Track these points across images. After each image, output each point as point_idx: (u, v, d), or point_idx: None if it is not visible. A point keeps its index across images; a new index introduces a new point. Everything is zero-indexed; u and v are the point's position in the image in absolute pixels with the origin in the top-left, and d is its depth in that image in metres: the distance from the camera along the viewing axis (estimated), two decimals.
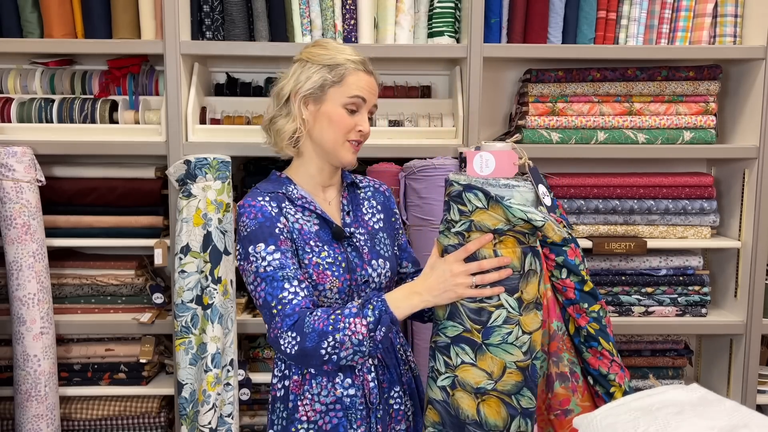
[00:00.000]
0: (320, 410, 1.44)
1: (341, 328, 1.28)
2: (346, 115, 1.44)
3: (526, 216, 1.25)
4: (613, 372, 2.14)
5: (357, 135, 1.46)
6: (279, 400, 1.48)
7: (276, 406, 1.49)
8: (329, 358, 1.29)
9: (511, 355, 1.35)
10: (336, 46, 1.48)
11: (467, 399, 1.32)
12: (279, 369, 1.49)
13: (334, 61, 1.43)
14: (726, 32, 2.28)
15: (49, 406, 2.14)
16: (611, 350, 2.15)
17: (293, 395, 1.45)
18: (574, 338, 2.19)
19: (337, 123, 1.43)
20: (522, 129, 2.27)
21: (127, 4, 2.17)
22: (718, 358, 2.47)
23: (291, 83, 1.45)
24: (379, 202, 1.63)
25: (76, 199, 2.24)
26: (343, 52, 1.45)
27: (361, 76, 1.45)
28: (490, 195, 1.25)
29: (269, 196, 1.43)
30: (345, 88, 1.43)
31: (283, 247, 1.37)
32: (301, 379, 1.45)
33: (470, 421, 1.31)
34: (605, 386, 2.15)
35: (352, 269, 1.46)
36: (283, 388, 1.47)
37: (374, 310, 1.30)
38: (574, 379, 2.19)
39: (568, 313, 2.18)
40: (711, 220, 2.32)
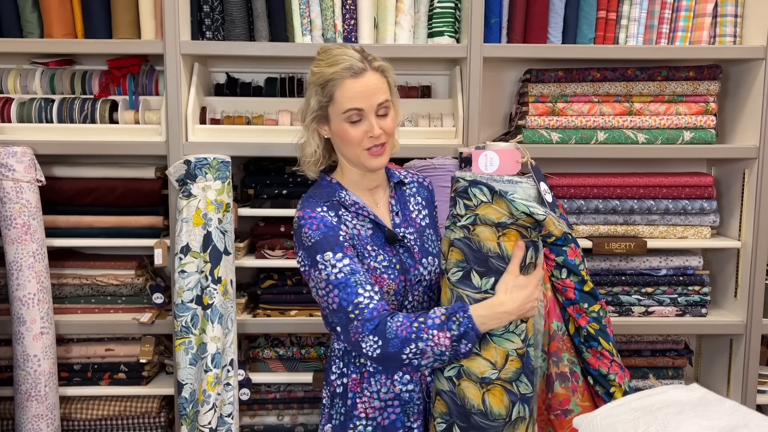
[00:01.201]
0: (379, 407, 1.47)
1: (424, 338, 1.31)
2: (351, 128, 1.43)
3: (529, 210, 1.32)
4: (613, 372, 2.14)
5: (370, 141, 1.44)
6: (338, 396, 1.51)
7: (335, 401, 1.52)
8: (409, 363, 1.34)
9: (512, 343, 1.40)
10: (329, 54, 1.45)
11: (473, 388, 1.38)
12: (337, 366, 1.51)
13: (323, 78, 1.42)
14: (726, 32, 2.28)
15: (49, 406, 2.14)
16: (611, 350, 2.15)
17: (352, 393, 1.48)
18: (574, 338, 2.19)
19: (345, 138, 1.44)
20: (522, 129, 2.27)
21: (127, 4, 2.17)
22: (718, 358, 2.47)
23: (302, 109, 1.50)
24: (424, 197, 1.64)
25: (76, 199, 2.24)
26: (332, 63, 1.42)
27: (349, 85, 1.41)
28: (494, 190, 1.32)
29: (326, 206, 1.44)
30: (337, 105, 1.42)
31: (349, 254, 1.40)
32: (359, 378, 1.48)
33: (476, 411, 1.37)
34: (605, 386, 2.15)
35: (405, 270, 1.49)
36: (342, 385, 1.50)
37: (460, 326, 1.32)
38: (574, 379, 2.19)
39: (568, 313, 2.18)
40: (711, 220, 2.32)
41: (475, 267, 1.36)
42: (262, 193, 2.25)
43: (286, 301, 2.27)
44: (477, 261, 1.36)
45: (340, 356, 1.50)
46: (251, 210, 2.24)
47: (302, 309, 2.27)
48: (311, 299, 2.26)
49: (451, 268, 1.40)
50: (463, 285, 1.37)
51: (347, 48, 1.46)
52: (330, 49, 1.47)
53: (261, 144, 2.18)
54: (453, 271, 1.39)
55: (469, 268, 1.37)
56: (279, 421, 2.38)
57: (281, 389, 2.38)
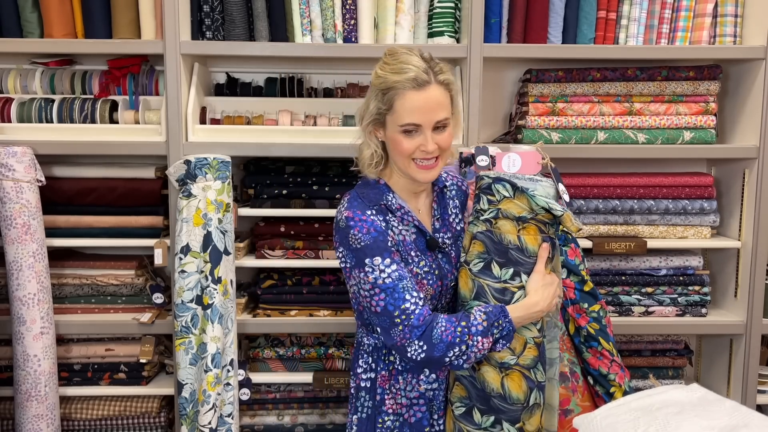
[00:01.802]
0: (405, 404, 1.51)
1: (469, 344, 1.37)
2: (405, 140, 1.42)
3: (548, 205, 1.41)
4: (613, 372, 2.15)
5: (421, 154, 1.43)
6: (364, 390, 1.53)
7: (361, 394, 1.54)
8: (451, 363, 1.39)
9: (530, 331, 1.49)
10: (396, 59, 1.42)
11: (492, 373, 1.45)
12: (365, 361, 1.53)
13: (385, 84, 1.40)
14: (726, 32, 2.28)
15: (49, 406, 2.14)
16: (611, 350, 2.16)
17: (381, 389, 1.51)
18: (574, 338, 2.19)
19: (397, 148, 1.43)
20: (522, 129, 2.27)
21: (127, 4, 2.17)
22: (718, 358, 2.47)
23: (361, 110, 1.48)
24: (461, 201, 1.65)
25: (76, 199, 2.24)
26: (396, 71, 1.40)
27: (411, 97, 1.39)
28: (516, 186, 1.41)
29: (374, 209, 1.45)
30: (396, 116, 1.41)
31: (396, 259, 1.41)
32: (388, 375, 1.50)
33: (495, 394, 1.44)
34: (605, 386, 2.15)
35: (443, 276, 1.51)
36: (369, 380, 1.52)
37: (501, 330, 1.40)
38: (574, 379, 2.19)
39: (568, 313, 2.18)
40: (711, 220, 2.32)
41: (496, 258, 1.43)
42: (262, 193, 2.25)
43: (286, 301, 2.27)
44: (498, 252, 1.43)
45: (370, 352, 1.51)
46: (251, 210, 2.24)
47: (302, 309, 2.27)
48: (311, 299, 2.27)
49: (473, 259, 1.47)
50: (483, 275, 1.43)
51: (414, 55, 1.42)
52: (397, 53, 1.44)
53: (261, 144, 2.18)
54: (475, 262, 1.45)
55: (490, 259, 1.44)
56: (279, 421, 2.38)
57: (281, 389, 2.38)
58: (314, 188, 2.24)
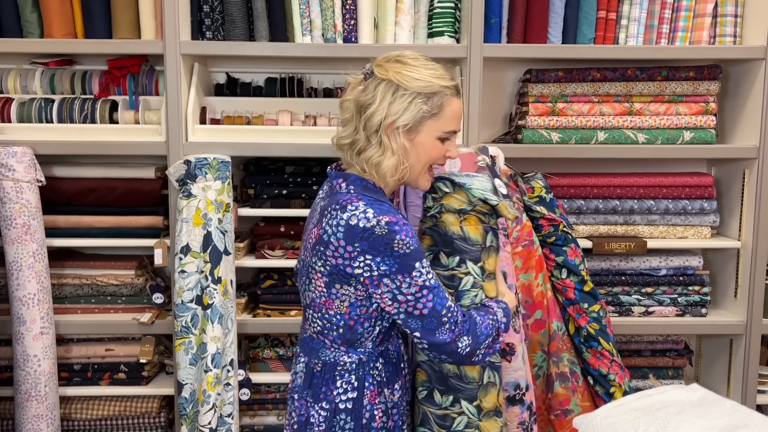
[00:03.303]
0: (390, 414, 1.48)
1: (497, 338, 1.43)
2: (439, 146, 1.41)
3: (484, 196, 1.53)
4: (613, 372, 2.15)
5: (442, 161, 1.45)
6: (344, 412, 1.43)
7: (339, 417, 1.43)
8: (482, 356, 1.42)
9: None
10: (426, 64, 1.39)
11: None
12: (346, 381, 1.43)
13: (430, 89, 1.36)
14: (726, 32, 2.28)
15: (49, 406, 2.14)
16: (611, 350, 2.16)
17: (370, 405, 1.44)
18: (574, 338, 2.19)
19: (428, 153, 1.40)
20: (522, 129, 2.27)
21: (127, 4, 2.17)
22: (718, 358, 2.47)
23: (382, 112, 1.35)
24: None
25: (76, 199, 2.24)
26: (437, 76, 1.37)
27: (456, 104, 1.39)
28: (455, 182, 1.54)
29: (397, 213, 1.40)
30: (442, 122, 1.38)
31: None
32: (377, 389, 1.46)
33: (452, 375, 1.56)
34: (605, 386, 2.15)
35: None
36: (350, 401, 1.43)
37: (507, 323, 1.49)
38: (574, 379, 2.19)
39: (568, 313, 2.18)
40: (711, 220, 2.32)
41: (443, 249, 1.55)
42: (262, 193, 2.25)
43: (286, 301, 2.27)
44: (444, 243, 1.55)
45: (353, 369, 1.43)
46: (251, 210, 2.24)
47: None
48: None
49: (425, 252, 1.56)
50: (434, 266, 1.54)
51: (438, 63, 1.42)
52: (421, 58, 1.41)
53: (261, 144, 2.18)
54: (426, 254, 1.52)
55: (438, 251, 1.56)
56: (279, 421, 2.38)
57: (281, 389, 2.38)
58: (314, 188, 2.24)
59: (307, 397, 1.45)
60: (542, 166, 2.36)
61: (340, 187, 1.39)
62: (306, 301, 1.45)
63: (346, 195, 1.37)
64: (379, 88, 1.37)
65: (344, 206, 1.33)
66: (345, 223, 1.31)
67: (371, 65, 1.41)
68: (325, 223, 1.35)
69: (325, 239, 1.34)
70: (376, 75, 1.39)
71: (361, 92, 1.40)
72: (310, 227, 1.43)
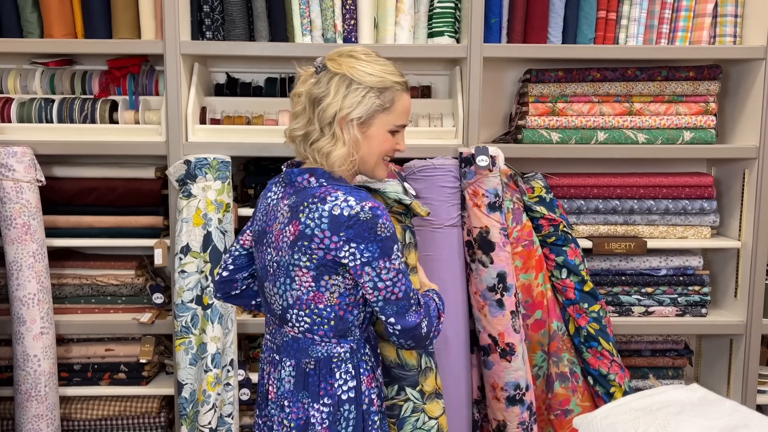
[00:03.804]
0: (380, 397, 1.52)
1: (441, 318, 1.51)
2: (390, 138, 1.46)
3: (398, 197, 1.68)
4: (613, 372, 2.15)
5: (392, 153, 1.50)
6: (347, 402, 1.44)
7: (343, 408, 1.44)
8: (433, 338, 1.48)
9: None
10: (378, 60, 1.44)
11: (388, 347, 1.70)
12: (345, 372, 1.45)
13: (382, 84, 1.41)
14: (726, 32, 2.28)
15: (49, 406, 2.14)
16: (611, 350, 2.16)
17: (368, 390, 1.47)
18: (574, 338, 2.19)
19: (380, 145, 1.45)
20: (522, 129, 2.27)
21: (127, 4, 2.17)
22: (718, 358, 2.47)
23: (336, 105, 1.39)
24: None
25: (76, 199, 2.24)
26: (389, 72, 1.43)
27: (406, 99, 1.46)
28: (370, 188, 1.64)
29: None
30: (393, 116, 1.44)
31: None
32: (370, 373, 1.49)
33: (394, 365, 1.68)
34: (605, 386, 2.15)
35: None
36: (351, 389, 1.45)
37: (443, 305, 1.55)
38: (574, 379, 2.19)
39: (568, 313, 2.18)
40: (711, 220, 2.32)
41: None
42: None
43: None
44: None
45: (347, 358, 1.45)
46: (251, 210, 2.24)
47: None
48: None
49: None
50: None
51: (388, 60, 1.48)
52: (374, 54, 1.46)
53: (261, 144, 2.18)
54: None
55: None
56: None
57: None
58: None
59: (302, 399, 1.43)
60: (542, 166, 2.36)
61: (308, 182, 1.41)
62: (288, 302, 1.42)
63: (320, 188, 1.39)
64: (332, 81, 1.40)
65: (323, 198, 1.36)
66: (328, 214, 1.34)
67: (323, 59, 1.44)
68: (304, 217, 1.36)
69: (308, 233, 1.35)
70: (329, 69, 1.41)
71: (313, 85, 1.42)
72: (278, 227, 1.42)
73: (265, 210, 1.48)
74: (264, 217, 1.48)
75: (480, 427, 2.18)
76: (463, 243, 2.11)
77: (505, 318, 2.04)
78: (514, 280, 2.09)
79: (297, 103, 1.45)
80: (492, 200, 2.06)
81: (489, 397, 2.10)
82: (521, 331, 2.09)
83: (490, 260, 2.05)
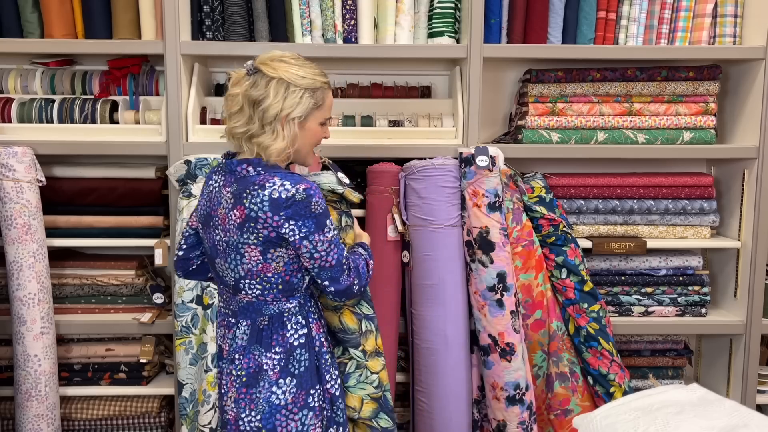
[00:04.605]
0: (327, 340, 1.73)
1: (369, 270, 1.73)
2: (320, 130, 1.67)
3: (331, 187, 1.88)
4: (613, 372, 2.15)
5: (320, 141, 1.70)
6: (299, 347, 1.63)
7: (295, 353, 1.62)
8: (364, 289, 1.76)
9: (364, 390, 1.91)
10: (306, 63, 1.63)
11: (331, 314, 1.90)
12: (296, 322, 1.64)
13: (314, 85, 1.60)
14: (726, 32, 2.28)
15: (49, 405, 2.14)
16: (611, 350, 2.16)
17: (318, 335, 1.68)
18: (574, 338, 2.19)
19: (313, 137, 1.66)
20: (522, 129, 2.27)
21: (128, 4, 2.17)
22: (718, 358, 2.47)
23: (277, 106, 1.57)
24: None
25: (77, 199, 2.24)
26: (317, 74, 1.62)
27: (330, 96, 1.67)
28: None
29: None
30: (323, 111, 1.65)
31: None
32: (318, 321, 1.71)
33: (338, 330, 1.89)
34: (605, 386, 2.15)
35: None
36: (303, 336, 1.64)
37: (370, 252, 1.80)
38: (574, 379, 2.19)
39: (568, 313, 2.18)
40: (711, 220, 2.32)
41: None
42: None
43: None
44: None
45: (296, 312, 1.64)
46: None
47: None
48: None
49: None
50: None
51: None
52: (301, 57, 1.64)
53: None
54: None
55: None
56: None
57: None
58: None
59: (254, 351, 1.61)
60: (542, 166, 2.36)
61: (247, 171, 1.58)
62: (240, 274, 1.60)
63: (258, 176, 1.56)
64: (270, 84, 1.57)
65: (263, 185, 1.54)
66: (268, 197, 1.53)
67: (253, 63, 1.60)
68: (248, 203, 1.54)
69: (253, 216, 1.54)
70: (264, 73, 1.57)
71: (249, 87, 1.58)
72: (223, 212, 1.59)
73: (209, 196, 1.64)
74: (208, 202, 1.64)
75: (480, 427, 2.18)
76: (463, 243, 2.11)
77: (504, 318, 2.05)
78: (514, 280, 2.09)
79: (234, 104, 1.59)
80: (492, 200, 2.06)
81: (489, 396, 2.10)
82: (521, 331, 2.09)
83: (490, 260, 2.05)
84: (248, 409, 1.60)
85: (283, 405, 1.59)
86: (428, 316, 2.10)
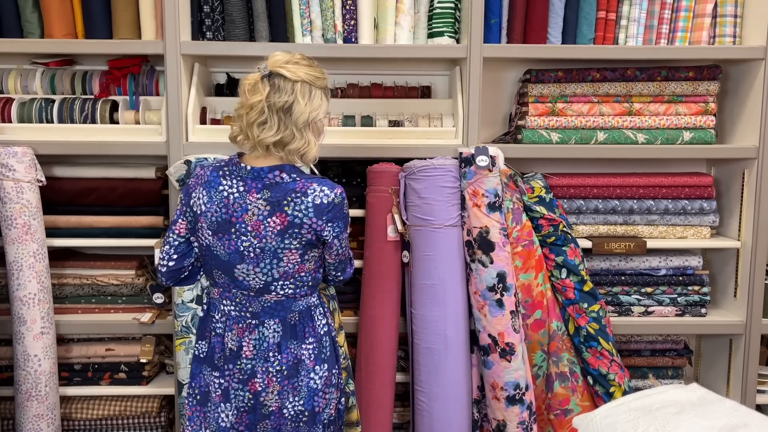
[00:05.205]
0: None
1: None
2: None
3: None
4: (612, 372, 2.15)
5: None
6: (327, 336, 1.75)
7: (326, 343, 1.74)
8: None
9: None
10: (314, 63, 1.66)
11: None
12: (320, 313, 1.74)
13: (325, 83, 1.65)
14: (726, 32, 2.28)
15: (49, 405, 2.14)
16: (611, 350, 2.16)
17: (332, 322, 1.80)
18: (573, 338, 2.19)
19: (322, 131, 1.70)
20: (522, 129, 2.28)
21: (128, 4, 2.17)
22: (718, 358, 2.47)
23: (307, 110, 1.58)
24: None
25: (77, 199, 2.24)
26: (323, 72, 1.65)
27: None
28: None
29: None
30: (329, 106, 1.71)
31: None
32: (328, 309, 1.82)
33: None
34: (605, 386, 2.15)
35: None
36: (327, 325, 1.75)
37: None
38: (574, 379, 2.19)
39: (568, 313, 2.18)
40: (710, 220, 2.32)
41: None
42: None
43: None
44: None
45: (319, 303, 1.75)
46: None
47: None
48: None
49: None
50: None
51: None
52: (306, 57, 1.66)
53: None
54: None
55: None
56: None
57: None
58: None
59: (290, 345, 1.68)
60: (542, 166, 2.36)
61: (281, 178, 1.60)
62: (272, 277, 1.63)
63: (295, 182, 1.60)
64: (296, 88, 1.58)
65: (305, 192, 1.59)
66: (312, 204, 1.59)
67: (267, 66, 1.59)
68: (291, 210, 1.58)
69: (297, 222, 1.59)
70: (286, 77, 1.57)
71: (272, 93, 1.57)
72: (253, 219, 1.58)
73: (223, 202, 1.61)
74: (224, 208, 1.61)
75: (480, 427, 2.18)
76: (463, 243, 2.11)
77: (504, 318, 2.05)
78: (513, 280, 2.09)
79: (256, 112, 1.57)
80: (492, 200, 2.06)
81: (489, 396, 2.10)
82: (521, 331, 2.09)
83: (489, 260, 2.05)
84: (291, 396, 1.67)
85: (320, 388, 1.69)
86: (428, 316, 2.10)
